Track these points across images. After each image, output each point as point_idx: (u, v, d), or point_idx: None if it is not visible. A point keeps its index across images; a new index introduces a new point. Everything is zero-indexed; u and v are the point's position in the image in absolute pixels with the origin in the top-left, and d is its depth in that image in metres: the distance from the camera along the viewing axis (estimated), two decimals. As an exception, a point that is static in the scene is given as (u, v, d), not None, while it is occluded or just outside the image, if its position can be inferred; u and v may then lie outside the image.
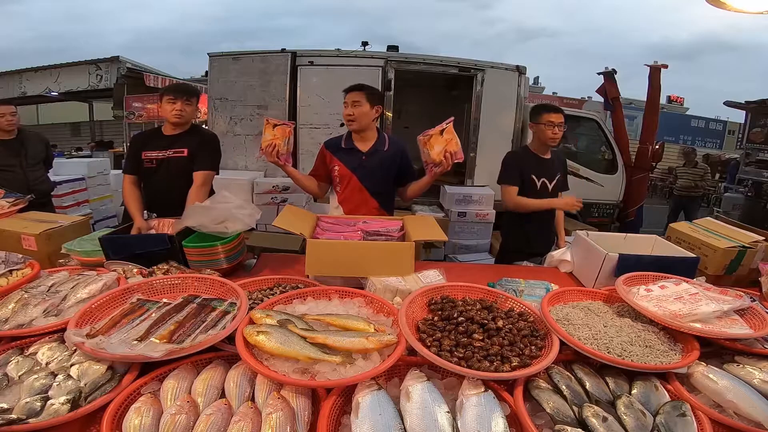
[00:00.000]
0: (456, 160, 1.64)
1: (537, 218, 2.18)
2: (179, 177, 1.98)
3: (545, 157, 2.20)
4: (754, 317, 1.12)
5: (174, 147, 2.01)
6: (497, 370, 0.89)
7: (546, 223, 2.25)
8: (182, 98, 1.96)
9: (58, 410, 0.78)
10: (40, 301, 1.11)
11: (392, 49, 5.45)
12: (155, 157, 2.00)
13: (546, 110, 2.14)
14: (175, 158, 2.00)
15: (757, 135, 7.29)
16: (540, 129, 2.12)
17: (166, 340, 0.93)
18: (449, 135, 1.64)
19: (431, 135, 1.65)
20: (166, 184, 2.00)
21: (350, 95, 1.89)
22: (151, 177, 2.03)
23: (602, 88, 5.09)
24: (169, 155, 2.00)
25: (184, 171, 1.99)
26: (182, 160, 2.00)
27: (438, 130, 1.64)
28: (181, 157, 2.00)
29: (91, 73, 6.63)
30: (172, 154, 2.00)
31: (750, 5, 1.91)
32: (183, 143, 2.01)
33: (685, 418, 0.83)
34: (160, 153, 2.00)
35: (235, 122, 4.20)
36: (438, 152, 1.62)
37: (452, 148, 1.63)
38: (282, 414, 0.78)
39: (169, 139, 2.02)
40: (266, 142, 1.74)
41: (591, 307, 1.19)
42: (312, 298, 1.19)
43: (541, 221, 2.20)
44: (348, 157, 1.95)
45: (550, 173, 2.19)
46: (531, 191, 2.15)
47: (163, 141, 2.02)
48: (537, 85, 16.24)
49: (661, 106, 6.82)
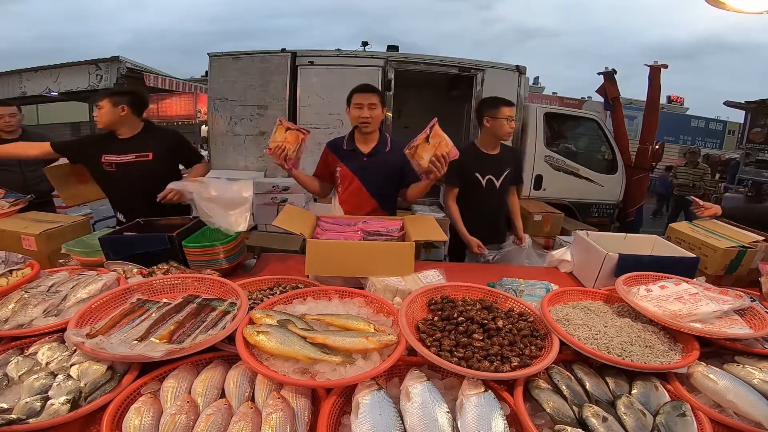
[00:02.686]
0: (452, 158, 1.56)
1: (475, 213, 2.18)
2: (140, 180, 1.92)
3: (492, 153, 2.16)
4: (754, 317, 1.12)
5: (133, 151, 1.93)
6: (497, 370, 0.89)
7: (485, 218, 2.23)
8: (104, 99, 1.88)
9: (58, 410, 0.78)
10: (40, 301, 1.11)
11: (392, 49, 5.45)
12: (116, 161, 1.93)
13: (505, 104, 2.08)
14: (138, 162, 1.94)
15: (757, 135, 7.30)
16: (499, 123, 2.07)
17: (166, 340, 0.93)
18: (436, 139, 1.52)
19: (416, 146, 1.55)
20: (132, 188, 1.95)
21: (366, 97, 1.83)
22: (113, 181, 1.97)
23: (602, 88, 5.08)
24: (128, 160, 1.93)
25: (149, 175, 1.92)
26: (147, 164, 1.94)
27: (422, 138, 1.53)
28: (146, 161, 1.94)
29: (91, 73, 6.63)
30: (134, 158, 1.93)
31: (750, 5, 1.91)
32: (145, 147, 1.95)
33: (685, 418, 0.83)
34: (119, 157, 1.92)
35: (235, 122, 4.20)
36: (427, 161, 1.53)
37: (442, 150, 1.52)
38: (282, 414, 0.78)
39: (124, 142, 1.95)
40: (275, 143, 1.66)
41: (591, 307, 1.19)
42: (312, 298, 1.19)
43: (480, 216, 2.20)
44: (350, 158, 1.93)
45: (497, 169, 2.16)
46: (476, 189, 2.14)
47: (120, 145, 1.94)
48: (537, 85, 16.25)
49: (661, 106, 6.83)
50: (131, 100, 1.93)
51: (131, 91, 2.03)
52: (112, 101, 1.88)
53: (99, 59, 6.57)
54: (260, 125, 4.16)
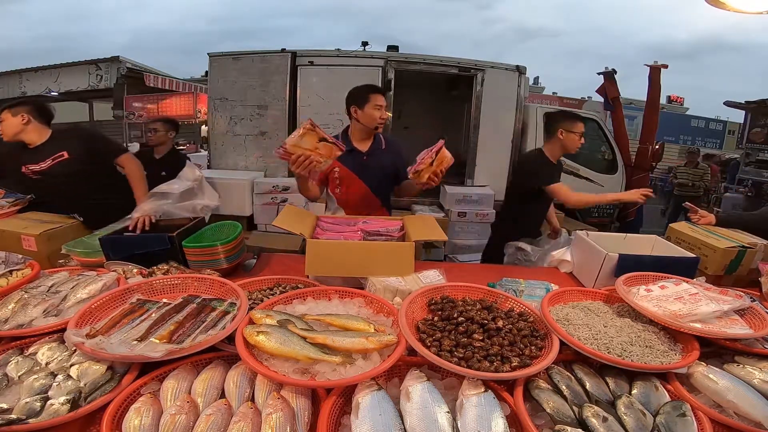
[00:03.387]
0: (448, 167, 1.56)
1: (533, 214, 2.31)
2: (70, 178, 1.94)
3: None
4: (754, 317, 1.12)
5: (49, 155, 1.92)
6: (497, 370, 0.89)
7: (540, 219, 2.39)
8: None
9: (58, 410, 0.78)
10: (40, 301, 1.11)
11: (392, 49, 5.45)
12: (37, 170, 1.92)
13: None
14: (58, 164, 1.93)
15: (757, 135, 7.30)
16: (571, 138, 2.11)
17: (166, 340, 0.93)
18: (439, 159, 1.52)
19: (420, 170, 1.52)
20: (65, 190, 1.96)
21: (381, 98, 1.87)
22: (43, 188, 1.99)
23: (602, 88, 5.09)
24: (50, 164, 1.92)
25: (75, 172, 1.94)
26: (67, 164, 1.93)
27: (427, 162, 1.51)
28: (64, 161, 1.93)
29: (91, 73, 6.62)
30: (53, 162, 1.92)
31: (750, 5, 1.91)
32: (56, 148, 1.94)
33: (685, 418, 0.83)
34: (38, 165, 1.92)
35: (235, 122, 4.20)
36: (426, 176, 1.54)
37: (442, 166, 1.53)
38: (282, 414, 0.78)
39: (34, 150, 1.93)
40: (301, 150, 1.47)
41: (591, 307, 1.19)
42: (312, 298, 1.19)
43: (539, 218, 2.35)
44: (348, 157, 1.91)
45: None
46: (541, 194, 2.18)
47: (34, 154, 1.93)
48: (537, 85, 16.24)
49: (661, 106, 6.82)
50: (31, 109, 1.93)
51: (29, 99, 2.08)
52: (11, 112, 1.89)
53: (99, 59, 6.56)
54: (260, 125, 4.16)
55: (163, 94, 6.71)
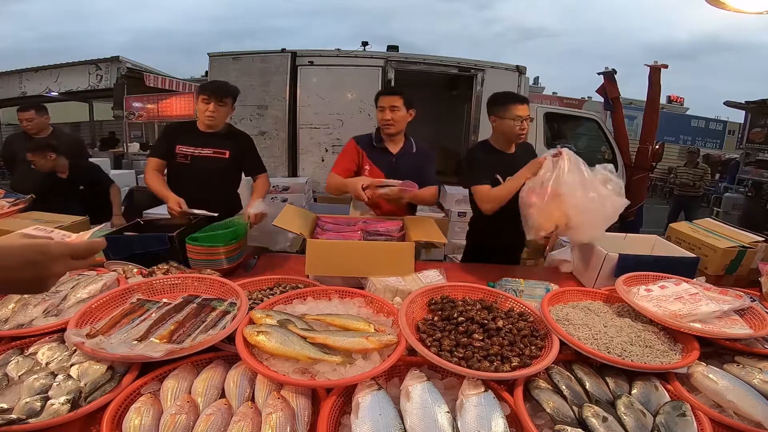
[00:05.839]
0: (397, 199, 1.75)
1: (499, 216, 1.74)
2: (215, 176, 1.99)
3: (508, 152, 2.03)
4: (754, 317, 1.12)
5: (211, 146, 1.98)
6: (497, 370, 0.89)
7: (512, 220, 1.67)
8: (216, 99, 1.93)
9: (58, 410, 0.78)
10: (40, 301, 1.11)
11: (392, 49, 5.44)
12: (189, 153, 1.97)
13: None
14: (214, 158, 1.99)
15: (757, 135, 7.30)
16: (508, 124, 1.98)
17: (166, 340, 0.93)
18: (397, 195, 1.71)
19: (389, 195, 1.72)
20: (198, 182, 1.96)
21: (387, 99, 1.87)
22: (181, 172, 2.00)
23: (602, 88, 5.08)
24: (206, 154, 1.98)
25: (223, 171, 2.00)
26: (223, 161, 2.00)
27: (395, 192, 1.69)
28: (222, 158, 2.00)
29: (91, 73, 6.63)
30: (212, 153, 1.99)
31: (750, 5, 1.90)
32: (223, 144, 1.99)
33: (685, 418, 0.83)
34: (195, 150, 1.97)
35: (235, 122, 4.18)
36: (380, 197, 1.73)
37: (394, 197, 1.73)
38: (282, 414, 0.78)
39: (204, 136, 1.99)
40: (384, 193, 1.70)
41: (591, 307, 1.19)
42: (312, 298, 1.19)
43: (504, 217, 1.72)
44: (379, 157, 1.93)
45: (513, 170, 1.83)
46: None
47: (199, 138, 1.99)
48: (537, 85, 16.21)
49: (661, 106, 6.83)
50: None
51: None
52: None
53: (99, 59, 6.57)
54: (260, 125, 4.16)
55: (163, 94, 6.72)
